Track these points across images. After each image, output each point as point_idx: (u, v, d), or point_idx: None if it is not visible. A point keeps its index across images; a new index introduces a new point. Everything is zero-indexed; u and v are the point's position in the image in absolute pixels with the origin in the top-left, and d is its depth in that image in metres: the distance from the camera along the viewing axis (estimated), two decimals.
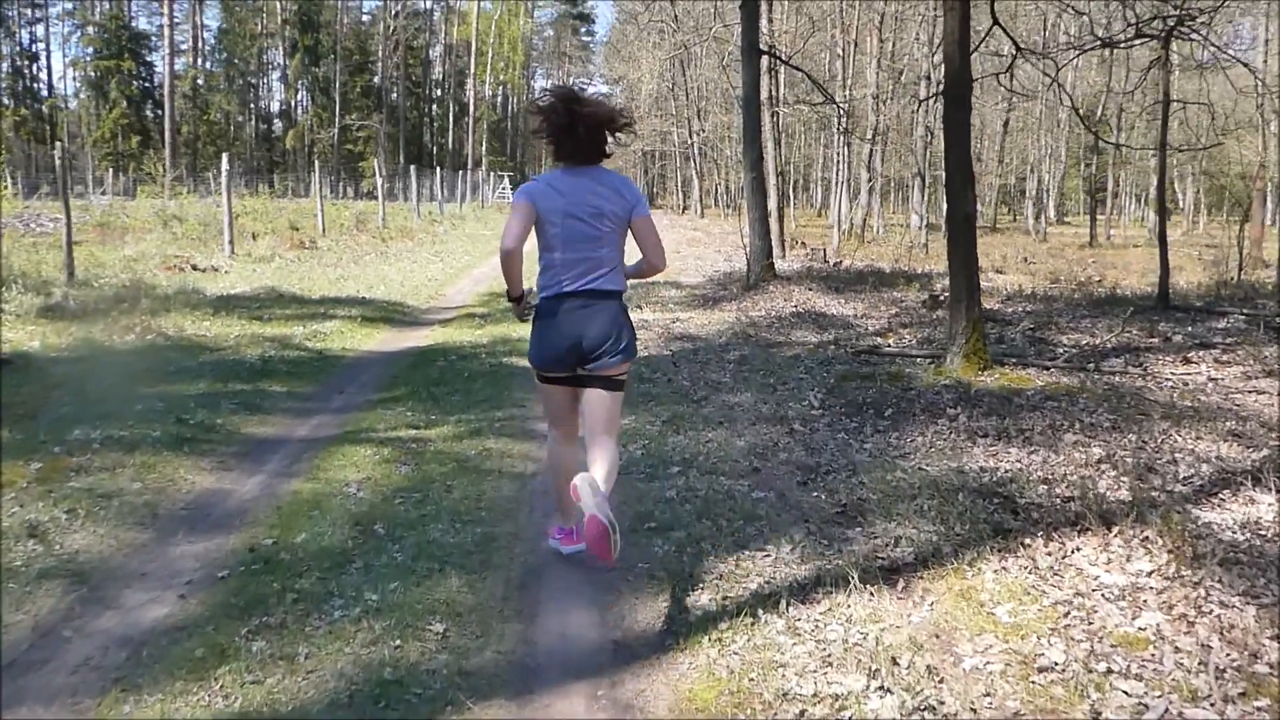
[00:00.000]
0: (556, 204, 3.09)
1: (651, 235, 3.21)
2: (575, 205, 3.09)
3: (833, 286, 12.12)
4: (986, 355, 6.65)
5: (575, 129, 3.05)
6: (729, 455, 4.93)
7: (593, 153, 3.13)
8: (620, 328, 3.20)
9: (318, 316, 9.70)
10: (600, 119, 3.07)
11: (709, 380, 6.80)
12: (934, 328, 8.70)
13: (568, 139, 3.08)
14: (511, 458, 5.03)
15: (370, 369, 7.42)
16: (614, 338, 3.18)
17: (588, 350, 3.17)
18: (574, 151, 3.12)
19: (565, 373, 3.25)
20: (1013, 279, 13.91)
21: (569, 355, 3.18)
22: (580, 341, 3.15)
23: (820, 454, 4.96)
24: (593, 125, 3.07)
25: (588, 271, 3.14)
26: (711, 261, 17.00)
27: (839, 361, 7.30)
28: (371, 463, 4.89)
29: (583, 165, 3.14)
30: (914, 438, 5.19)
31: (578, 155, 3.13)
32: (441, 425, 5.68)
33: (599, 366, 3.21)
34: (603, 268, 3.15)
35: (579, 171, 3.14)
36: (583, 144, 3.09)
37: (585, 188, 3.11)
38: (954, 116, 6.46)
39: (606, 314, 3.16)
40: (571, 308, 3.14)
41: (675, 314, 10.24)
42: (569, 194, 3.10)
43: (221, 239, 15.77)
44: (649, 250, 3.22)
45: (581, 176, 3.13)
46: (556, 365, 3.22)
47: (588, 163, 3.15)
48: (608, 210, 3.11)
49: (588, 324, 3.14)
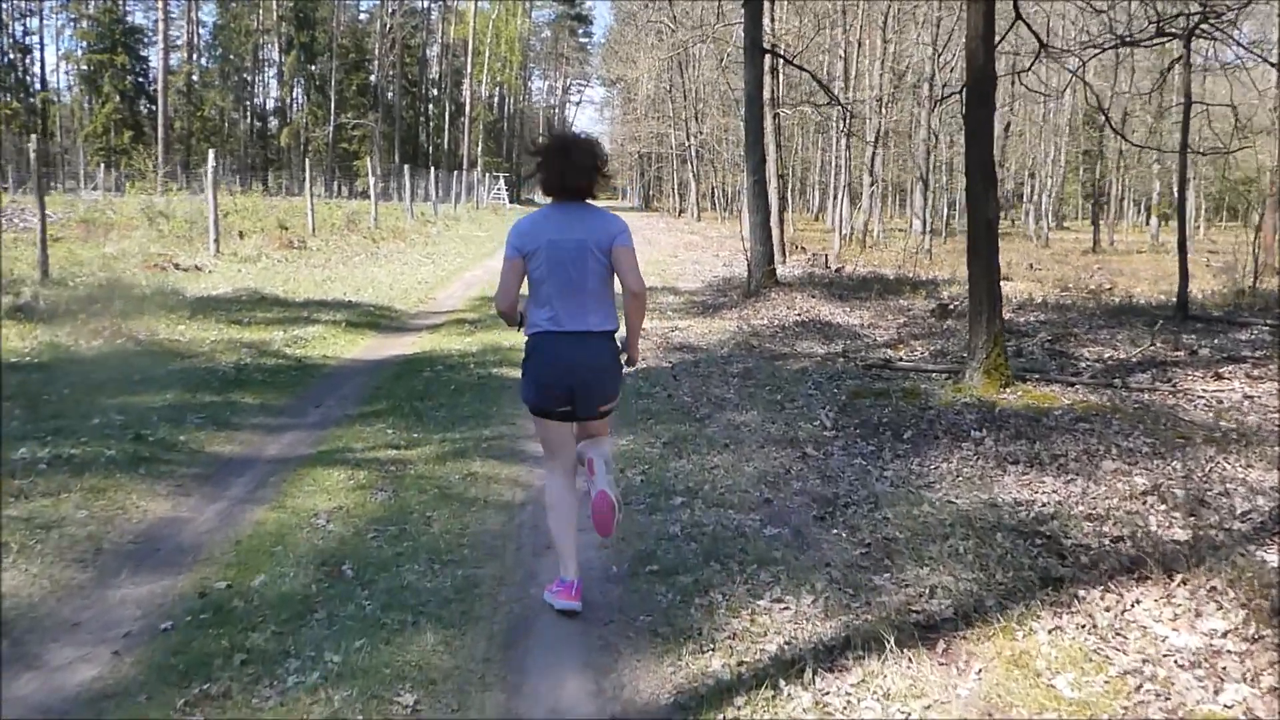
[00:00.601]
0: (542, 239, 3.17)
1: (630, 261, 3.24)
2: (560, 238, 3.17)
3: (837, 294, 11.72)
4: (1008, 371, 6.23)
5: (565, 179, 3.18)
6: (737, 484, 4.50)
7: (580, 193, 3.23)
8: (608, 373, 3.27)
9: (300, 321, 9.26)
10: (590, 172, 3.19)
11: (712, 396, 6.37)
12: (947, 339, 8.28)
13: (558, 180, 3.19)
14: (499, 483, 4.60)
15: (351, 379, 6.98)
16: (601, 384, 3.25)
17: (577, 396, 3.23)
18: (563, 190, 3.21)
19: (558, 411, 3.28)
20: (1021, 286, 13.51)
21: (558, 402, 3.24)
22: (570, 388, 3.21)
23: (837, 483, 4.53)
24: (581, 170, 3.18)
25: (576, 309, 3.19)
26: (710, 266, 16.58)
27: (849, 376, 6.88)
28: (345, 489, 4.45)
29: (570, 202, 3.23)
30: (938, 464, 4.77)
31: (566, 193, 3.22)
32: (424, 445, 5.24)
33: (584, 414, 3.30)
34: (591, 305, 3.20)
35: (567, 209, 3.22)
36: (571, 185, 3.20)
37: (571, 222, 3.19)
38: (977, 114, 6.04)
39: (597, 359, 3.22)
40: (565, 347, 3.19)
41: (674, 322, 9.81)
42: (555, 228, 3.19)
43: (207, 237, 15.30)
44: (625, 274, 3.23)
45: (569, 213, 3.21)
46: (547, 408, 3.27)
47: (576, 199, 3.24)
48: (591, 242, 3.18)
49: (577, 370, 3.20)
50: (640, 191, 64.28)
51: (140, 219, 19.05)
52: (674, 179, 48.46)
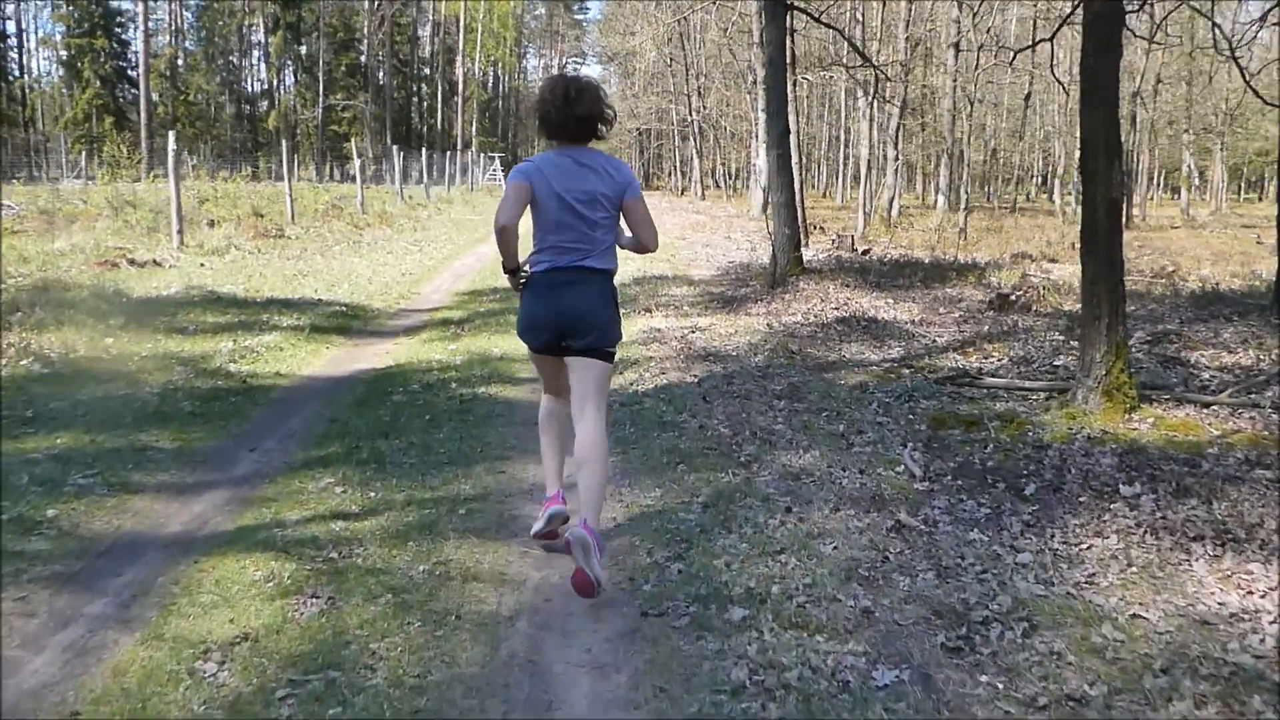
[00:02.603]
0: (550, 186, 3.12)
1: (644, 216, 3.21)
2: (568, 188, 3.12)
3: (872, 282, 10.36)
4: (1134, 392, 4.89)
5: (568, 124, 3.12)
6: (819, 581, 3.17)
7: (584, 134, 3.17)
8: (604, 306, 3.22)
9: (256, 326, 7.91)
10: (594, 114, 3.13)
11: (755, 426, 5.03)
12: (1024, 341, 6.92)
13: (562, 130, 3.14)
14: (479, 582, 3.27)
15: (304, 408, 5.64)
16: (596, 315, 3.19)
17: (570, 327, 3.19)
18: (566, 133, 3.15)
19: (549, 347, 3.26)
20: (1073, 270, 12.10)
21: (552, 331, 3.22)
22: (563, 317, 3.18)
23: (958, 576, 3.20)
24: (587, 118, 3.13)
25: (576, 252, 3.17)
26: (723, 250, 15.20)
27: (922, 394, 5.53)
28: (261, 597, 3.12)
29: (574, 145, 3.18)
30: (1088, 539, 3.44)
31: (569, 136, 3.16)
32: (382, 511, 3.91)
33: (581, 346, 3.21)
34: (593, 248, 3.18)
35: (571, 152, 3.17)
36: (575, 126, 3.14)
37: (577, 169, 3.14)
38: (1100, 63, 4.66)
39: (592, 290, 3.19)
40: (558, 283, 3.18)
41: (692, 320, 8.46)
42: (561, 176, 3.13)
43: (170, 228, 13.92)
44: (641, 231, 3.23)
45: (573, 157, 3.16)
46: (540, 338, 3.26)
47: (579, 143, 3.18)
48: (599, 193, 3.13)
49: (573, 300, 3.17)
50: (640, 170, 62.70)
51: (106, 209, 17.73)
52: (675, 156, 46.92)
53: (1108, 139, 4.68)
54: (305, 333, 7.80)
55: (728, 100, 32.81)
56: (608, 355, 3.26)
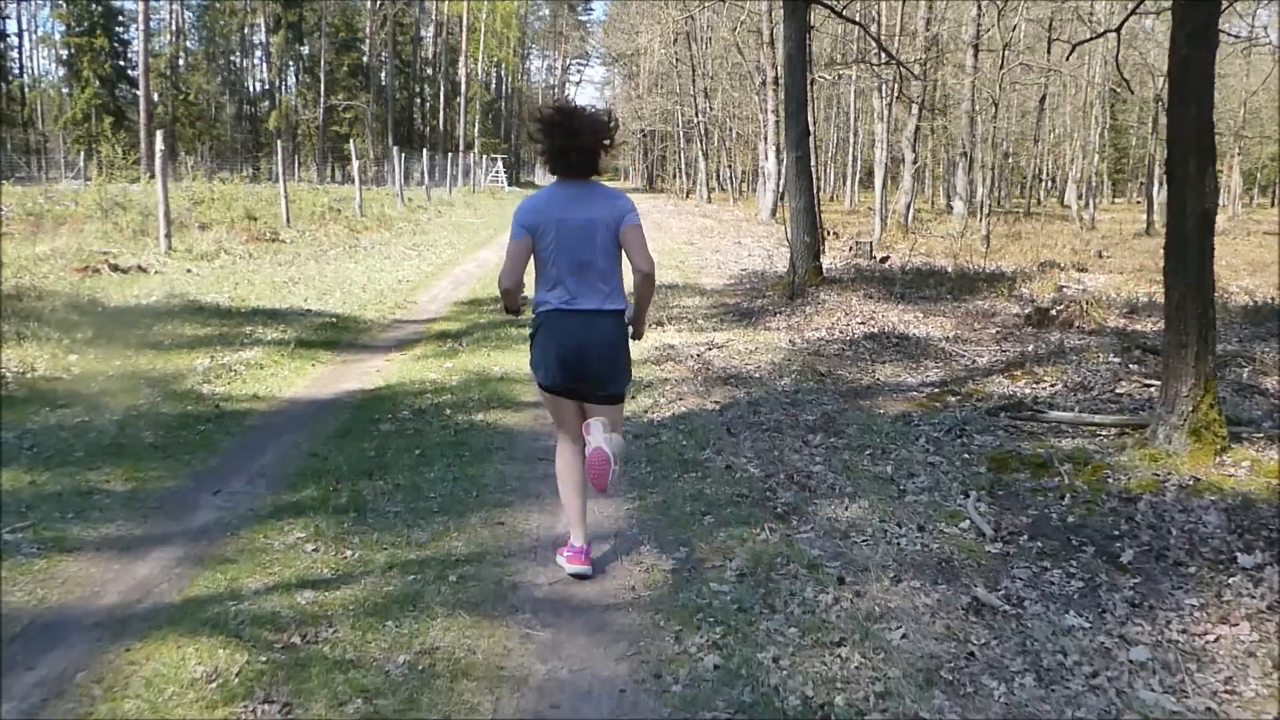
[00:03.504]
0: (550, 216, 3.15)
1: (638, 240, 3.18)
2: (568, 217, 3.14)
3: (895, 293, 9.74)
4: (1224, 431, 4.27)
5: (569, 154, 3.13)
6: (889, 686, 2.56)
7: (585, 168, 3.18)
8: (618, 354, 3.23)
9: (237, 340, 7.32)
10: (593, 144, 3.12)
11: (790, 466, 4.42)
12: (1077, 363, 6.30)
13: (561, 160, 3.15)
14: (473, 679, 2.66)
15: (279, 438, 5.03)
16: (612, 363, 3.21)
17: (585, 375, 3.20)
18: (568, 167, 3.16)
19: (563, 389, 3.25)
20: (1105, 280, 11.51)
21: (567, 379, 3.22)
22: (578, 366, 3.18)
23: (1065, 681, 2.59)
24: (585, 148, 3.12)
25: (586, 288, 3.16)
26: (733, 256, 14.60)
27: (974, 427, 4.92)
28: (197, 707, 2.52)
29: (576, 179, 3.19)
30: (1212, 628, 2.83)
31: (571, 171, 3.17)
32: (359, 577, 3.31)
33: (595, 392, 3.24)
34: (600, 284, 3.17)
35: (573, 185, 3.19)
36: (576, 161, 3.15)
37: (578, 200, 3.16)
38: (1193, 54, 4.04)
39: (608, 337, 3.20)
40: (573, 327, 3.17)
41: (708, 335, 7.85)
42: (563, 206, 3.15)
43: (158, 231, 13.33)
44: (634, 253, 3.15)
45: (575, 189, 3.18)
46: (552, 379, 3.23)
47: (581, 177, 3.19)
48: (598, 219, 3.14)
49: (587, 349, 3.17)
50: (644, 172, 62.05)
51: (95, 211, 17.17)
52: (680, 158, 46.31)
53: (1200, 141, 4.07)
54: (290, 348, 7.21)
55: (735, 101, 32.17)
56: (618, 399, 3.33)
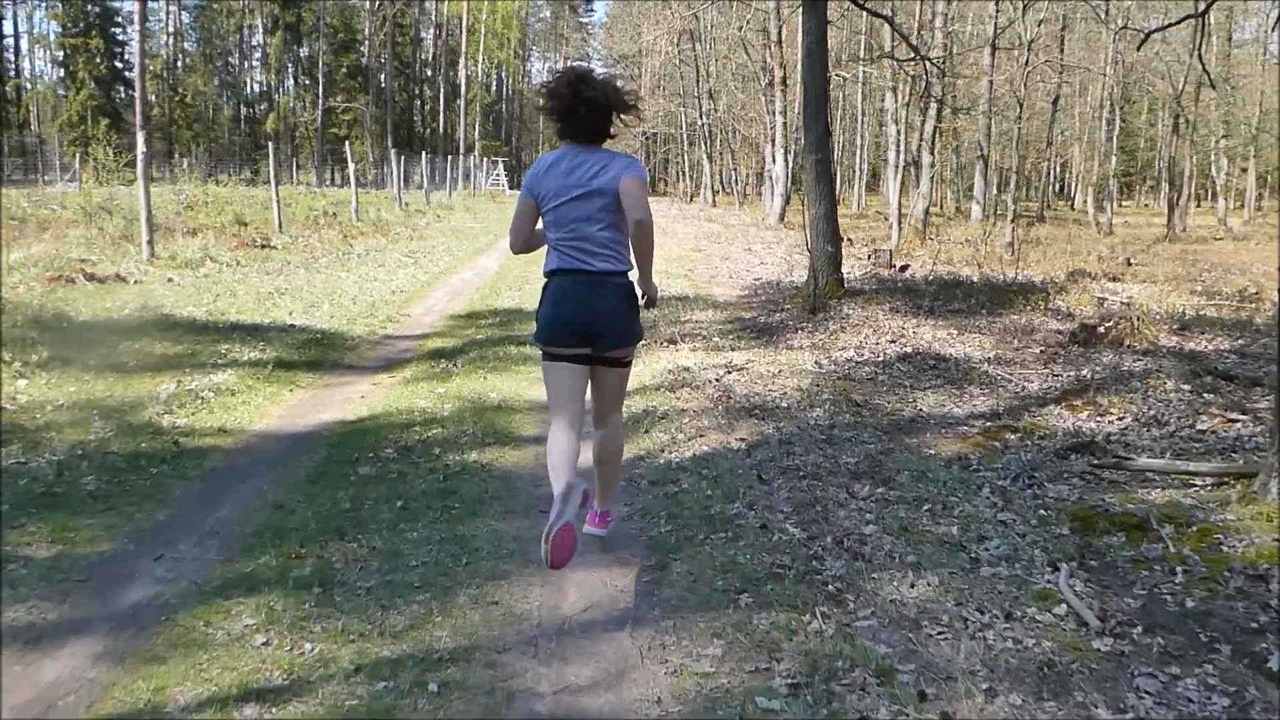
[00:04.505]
0: (554, 182, 3.12)
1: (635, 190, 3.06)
2: (571, 181, 3.10)
3: (921, 306, 9.08)
4: None
5: (578, 109, 3.08)
6: None
7: (594, 134, 3.14)
8: (625, 311, 3.20)
9: (210, 361, 6.66)
10: (604, 102, 3.09)
11: (836, 525, 3.75)
12: (1143, 392, 5.62)
13: (570, 118, 3.10)
14: None
15: (242, 484, 4.36)
16: (618, 321, 3.17)
17: (593, 333, 3.16)
18: (575, 131, 3.13)
19: (571, 350, 3.18)
20: (1140, 290, 10.85)
21: (574, 336, 3.16)
22: (586, 324, 3.14)
23: None
24: (595, 108, 3.08)
25: (588, 250, 3.13)
26: (744, 264, 13.95)
27: (1045, 474, 4.25)
28: None
29: (584, 145, 3.15)
30: None
31: (579, 135, 3.14)
32: (318, 684, 2.64)
33: (604, 350, 3.20)
34: (602, 248, 3.13)
35: (580, 150, 3.15)
36: (584, 125, 3.11)
37: (582, 165, 3.11)
38: None
39: (611, 297, 3.17)
40: (576, 287, 3.14)
41: (726, 355, 7.19)
42: (567, 171, 3.11)
43: (141, 238, 12.69)
44: (629, 202, 3.04)
45: (581, 155, 3.14)
46: (561, 343, 3.18)
47: (589, 143, 3.15)
48: (599, 184, 3.08)
49: (594, 307, 3.14)
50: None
51: (79, 215, 16.55)
52: (684, 161, 45.66)
53: None
54: (268, 369, 6.55)
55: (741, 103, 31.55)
56: (626, 363, 3.32)
